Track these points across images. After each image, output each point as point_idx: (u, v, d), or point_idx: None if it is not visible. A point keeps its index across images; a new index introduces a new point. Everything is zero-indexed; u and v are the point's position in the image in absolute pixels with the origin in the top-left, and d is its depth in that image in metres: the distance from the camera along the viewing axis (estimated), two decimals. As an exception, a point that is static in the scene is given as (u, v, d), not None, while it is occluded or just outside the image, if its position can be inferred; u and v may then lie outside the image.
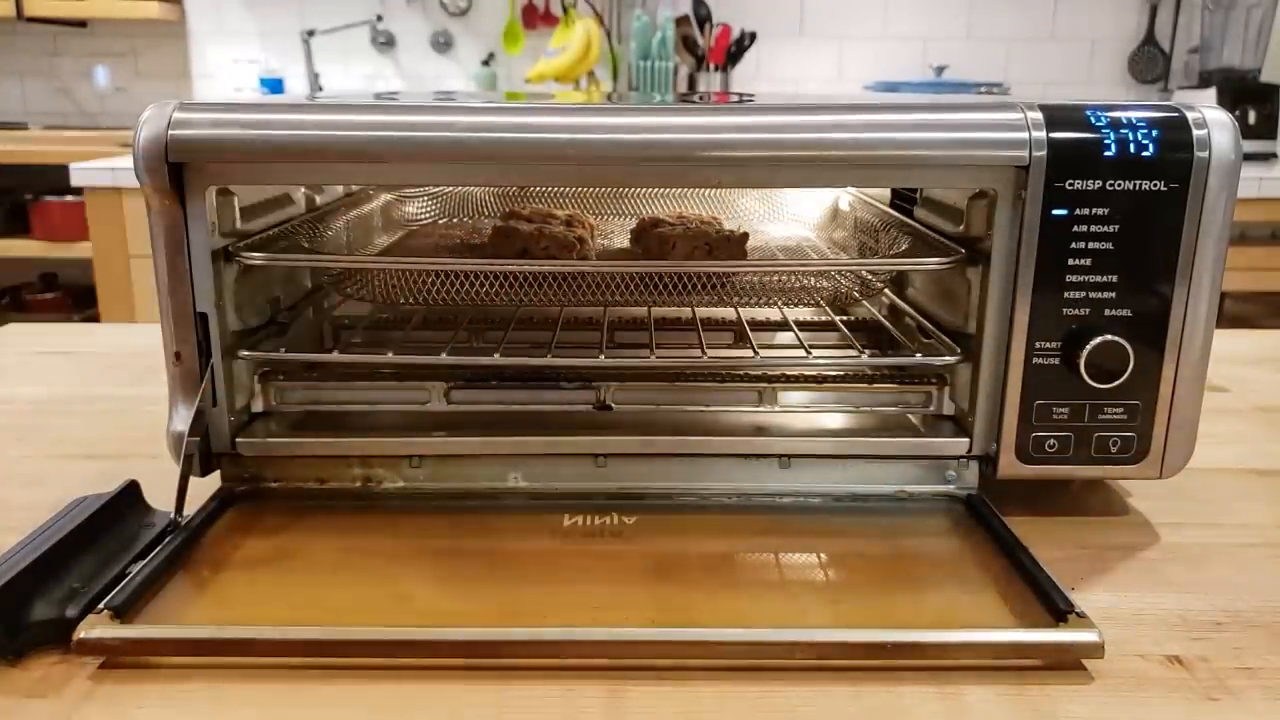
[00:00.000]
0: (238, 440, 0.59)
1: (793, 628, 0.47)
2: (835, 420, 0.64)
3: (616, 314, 0.75)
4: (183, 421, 0.56)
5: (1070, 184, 0.53)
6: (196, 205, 0.53)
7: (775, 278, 0.68)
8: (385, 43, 2.95)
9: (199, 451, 0.57)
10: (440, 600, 0.50)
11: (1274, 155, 2.47)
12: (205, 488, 0.61)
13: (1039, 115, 0.53)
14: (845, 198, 0.88)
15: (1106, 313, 0.54)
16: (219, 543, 0.55)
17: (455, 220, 0.92)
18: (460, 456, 0.60)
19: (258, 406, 0.62)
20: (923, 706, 0.42)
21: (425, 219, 0.91)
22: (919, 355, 0.62)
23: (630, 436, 0.60)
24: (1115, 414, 0.56)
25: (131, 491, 0.55)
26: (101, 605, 0.46)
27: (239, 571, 0.53)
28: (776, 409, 0.64)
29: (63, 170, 2.15)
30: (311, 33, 2.88)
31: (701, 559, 0.54)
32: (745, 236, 0.74)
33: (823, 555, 0.55)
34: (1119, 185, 0.53)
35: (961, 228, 0.62)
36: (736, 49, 2.76)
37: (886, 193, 0.81)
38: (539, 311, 0.75)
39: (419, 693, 0.43)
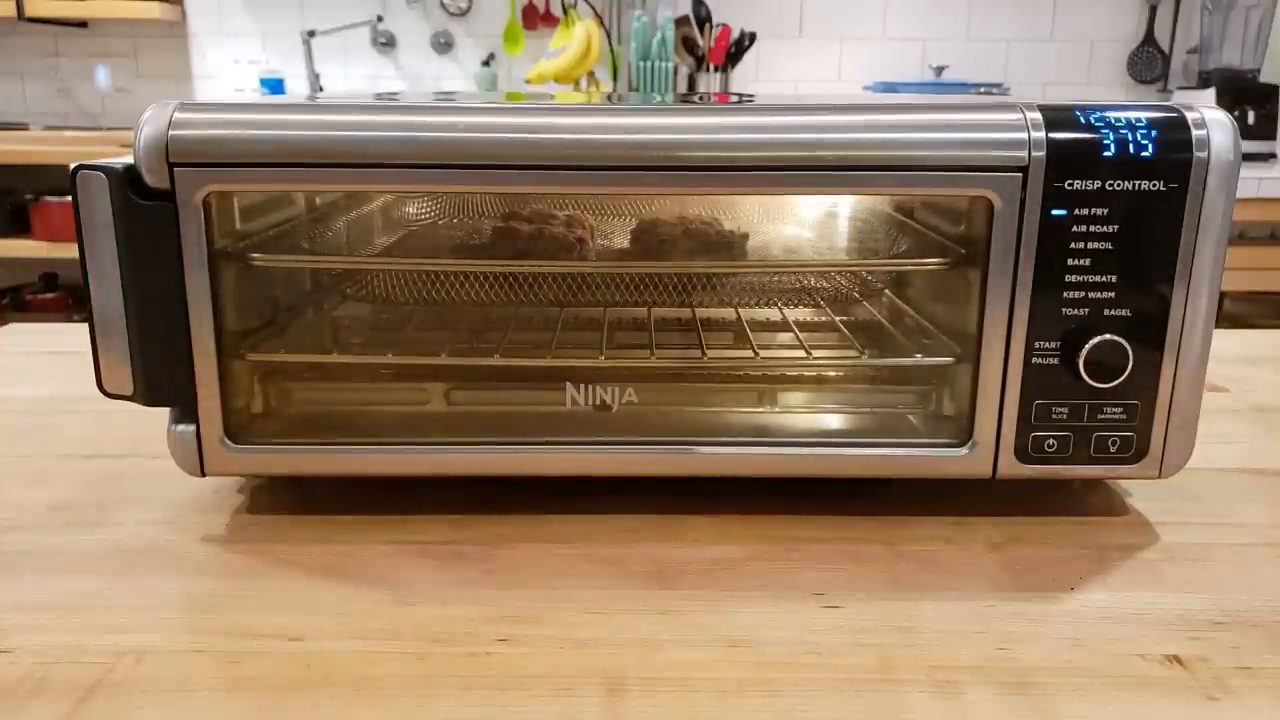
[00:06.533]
0: (237, 442, 0.59)
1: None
2: (835, 421, 0.64)
3: (616, 314, 0.75)
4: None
5: (1069, 184, 0.53)
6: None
7: (775, 278, 0.68)
8: (386, 43, 2.95)
9: (197, 453, 0.56)
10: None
11: (1273, 155, 2.47)
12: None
13: (1038, 116, 0.53)
14: (845, 196, 0.88)
15: (1106, 312, 0.54)
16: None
17: (455, 220, 0.92)
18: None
19: (257, 407, 0.62)
20: (923, 706, 0.42)
21: (425, 219, 0.91)
22: (919, 356, 0.62)
23: (630, 437, 0.60)
24: (1114, 414, 0.56)
25: None
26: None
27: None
28: (776, 409, 0.64)
29: (63, 170, 2.14)
30: (312, 33, 2.88)
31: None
32: (745, 237, 0.74)
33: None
34: (1118, 185, 0.53)
35: (961, 228, 0.62)
36: (736, 50, 2.77)
37: (886, 193, 0.81)
38: (539, 312, 0.75)
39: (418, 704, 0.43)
